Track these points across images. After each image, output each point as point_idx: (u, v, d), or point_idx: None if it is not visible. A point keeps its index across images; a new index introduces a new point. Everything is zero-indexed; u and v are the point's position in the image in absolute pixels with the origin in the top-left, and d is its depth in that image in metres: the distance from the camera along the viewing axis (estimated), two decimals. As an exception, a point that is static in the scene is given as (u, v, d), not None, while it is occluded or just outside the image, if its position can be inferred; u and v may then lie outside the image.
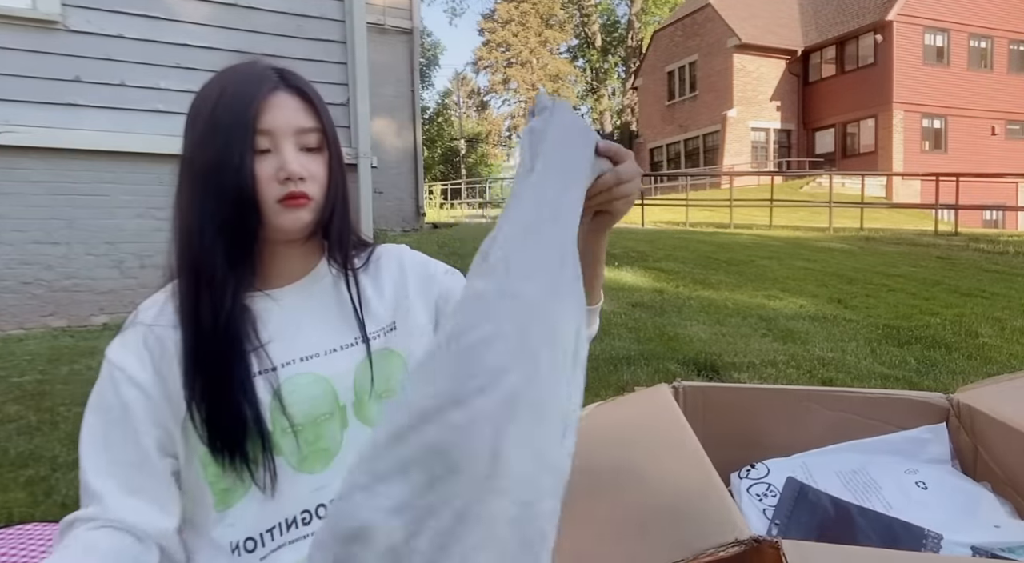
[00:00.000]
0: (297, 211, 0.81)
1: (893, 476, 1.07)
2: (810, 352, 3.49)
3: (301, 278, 0.89)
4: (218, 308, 0.79)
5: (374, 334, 0.90)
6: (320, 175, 0.83)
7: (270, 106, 0.80)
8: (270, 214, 0.80)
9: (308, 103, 0.84)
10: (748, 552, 0.65)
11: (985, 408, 1.15)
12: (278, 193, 0.80)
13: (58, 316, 4.15)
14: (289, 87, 0.83)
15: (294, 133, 0.81)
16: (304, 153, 0.82)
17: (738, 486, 1.11)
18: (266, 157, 0.80)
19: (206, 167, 0.79)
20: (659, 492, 0.84)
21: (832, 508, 0.96)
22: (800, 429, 1.22)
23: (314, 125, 0.83)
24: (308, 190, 0.81)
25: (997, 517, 0.98)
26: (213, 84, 0.82)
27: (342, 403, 0.86)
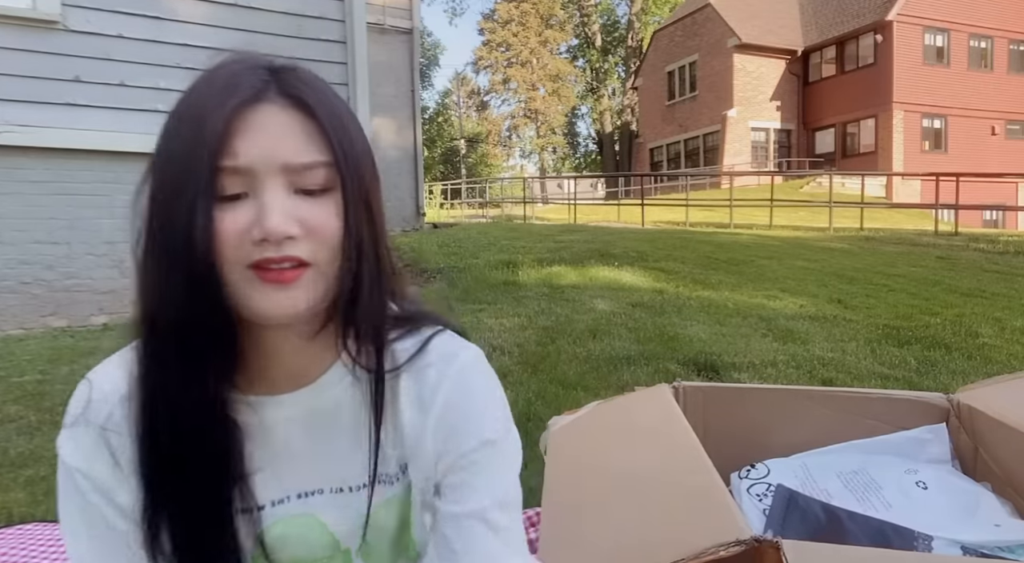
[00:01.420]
0: (283, 290, 0.55)
1: (893, 476, 1.07)
2: (810, 352, 3.49)
3: (307, 384, 0.63)
4: (179, 422, 0.57)
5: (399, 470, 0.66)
6: (327, 229, 0.56)
7: (246, 126, 0.55)
8: (241, 293, 0.55)
9: (311, 120, 0.57)
10: (749, 552, 0.65)
11: (985, 408, 1.15)
12: (248, 257, 0.54)
13: (58, 316, 4.15)
14: (283, 96, 0.57)
15: (282, 169, 0.55)
16: (300, 197, 0.56)
17: (738, 486, 1.11)
18: (237, 205, 0.55)
19: (155, 216, 0.56)
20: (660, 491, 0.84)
21: (823, 514, 0.97)
22: (800, 429, 1.22)
23: (315, 158, 0.56)
24: (303, 253, 0.55)
25: (997, 516, 0.98)
26: (187, 90, 0.59)
27: (345, 547, 0.67)
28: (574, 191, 17.04)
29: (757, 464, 1.14)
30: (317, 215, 0.56)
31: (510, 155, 45.58)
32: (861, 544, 0.90)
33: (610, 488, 0.89)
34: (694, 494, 0.79)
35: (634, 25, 34.99)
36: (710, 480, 0.80)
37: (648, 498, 0.83)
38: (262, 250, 0.54)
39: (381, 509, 0.66)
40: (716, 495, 0.77)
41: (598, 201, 22.86)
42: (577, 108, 41.85)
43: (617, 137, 35.58)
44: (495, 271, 5.94)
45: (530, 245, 7.90)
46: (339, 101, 0.61)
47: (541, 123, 40.47)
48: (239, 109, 0.55)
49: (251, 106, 0.56)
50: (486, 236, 8.85)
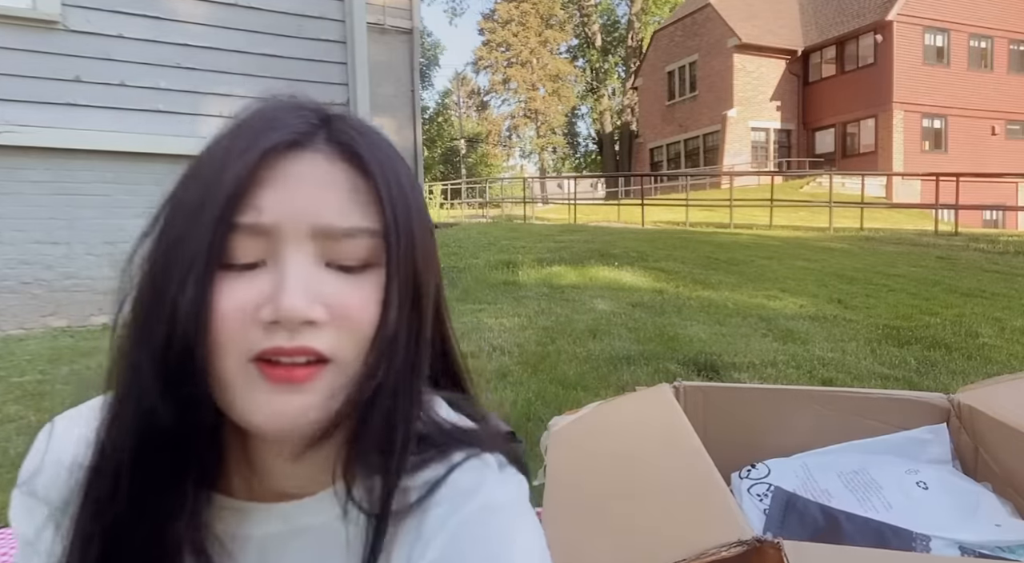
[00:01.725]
0: (291, 392, 0.42)
1: (894, 476, 1.07)
2: (810, 352, 3.49)
3: (295, 498, 0.49)
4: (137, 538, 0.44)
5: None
6: (361, 317, 0.44)
7: (277, 176, 0.43)
8: (235, 393, 0.42)
9: (362, 177, 0.45)
10: (750, 552, 0.65)
11: (986, 408, 1.15)
12: (252, 346, 0.42)
13: (58, 316, 4.15)
14: (331, 143, 0.46)
15: (314, 233, 0.43)
16: (332, 273, 0.44)
17: (739, 486, 1.11)
18: (248, 276, 0.43)
19: (144, 280, 0.45)
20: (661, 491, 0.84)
21: (821, 516, 0.97)
22: (801, 429, 1.22)
23: (360, 225, 0.44)
24: (323, 346, 0.43)
25: (998, 516, 0.98)
26: (216, 133, 0.47)
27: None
28: (574, 191, 17.05)
29: (758, 464, 1.14)
30: (350, 297, 0.44)
31: (510, 155, 45.61)
32: (859, 545, 0.90)
33: (611, 488, 0.89)
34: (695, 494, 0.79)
35: (634, 25, 35.00)
36: (711, 480, 0.80)
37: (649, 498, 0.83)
38: (271, 337, 0.42)
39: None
40: (717, 495, 0.77)
41: (598, 201, 22.86)
42: (577, 108, 41.87)
43: (617, 137, 35.58)
44: (495, 271, 5.95)
45: (530, 245, 7.90)
46: (398, 158, 0.48)
47: (541, 123, 40.47)
48: (272, 153, 0.43)
49: (288, 152, 0.44)
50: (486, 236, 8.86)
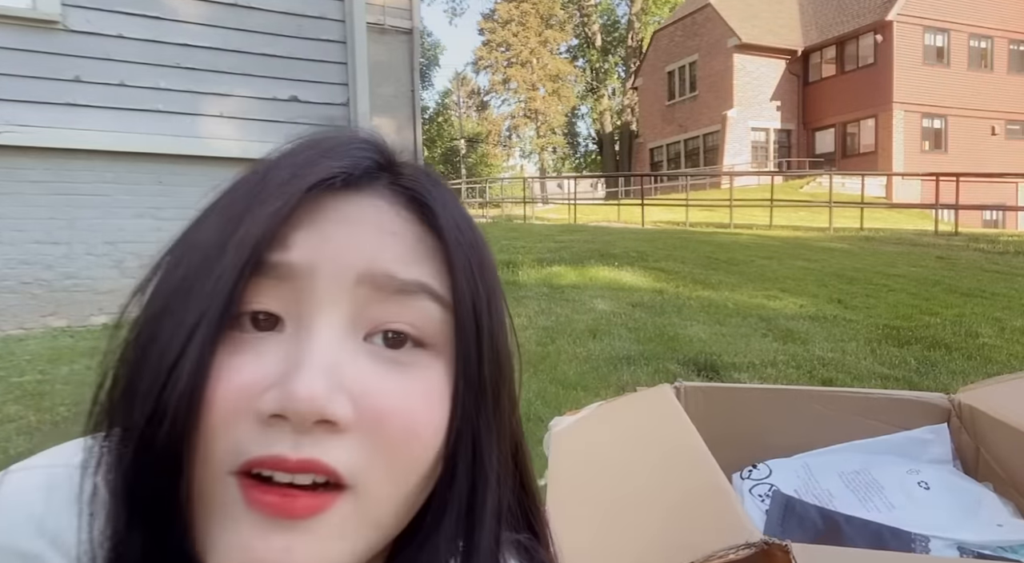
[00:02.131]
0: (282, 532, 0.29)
1: (895, 476, 1.07)
2: (810, 352, 3.49)
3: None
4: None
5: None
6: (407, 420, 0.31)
7: (316, 219, 0.33)
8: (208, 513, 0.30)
9: (432, 233, 0.35)
10: (758, 555, 0.65)
11: (986, 408, 1.15)
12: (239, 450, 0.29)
13: (58, 316, 4.14)
14: (394, 187, 0.35)
15: (359, 282, 0.32)
16: (374, 350, 0.33)
17: (740, 487, 1.11)
18: (258, 341, 0.31)
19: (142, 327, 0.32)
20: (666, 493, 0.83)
21: (820, 519, 0.97)
22: (802, 429, 1.22)
23: (425, 280, 0.33)
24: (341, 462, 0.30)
25: (1000, 516, 0.98)
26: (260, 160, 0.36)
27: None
28: (574, 191, 17.05)
29: (759, 464, 1.14)
30: (394, 391, 0.31)
31: (510, 155, 45.59)
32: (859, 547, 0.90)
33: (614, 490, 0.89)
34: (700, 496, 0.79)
35: (634, 25, 35.00)
36: (716, 481, 0.80)
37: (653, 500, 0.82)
38: (269, 440, 0.29)
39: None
40: (723, 497, 0.76)
41: (598, 201, 22.86)
42: (577, 108, 41.87)
43: (617, 137, 35.58)
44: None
45: (530, 245, 7.90)
46: (473, 221, 0.38)
47: (541, 123, 40.46)
48: (320, 189, 0.33)
49: (341, 193, 0.34)
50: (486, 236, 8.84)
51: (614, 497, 0.87)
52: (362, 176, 0.34)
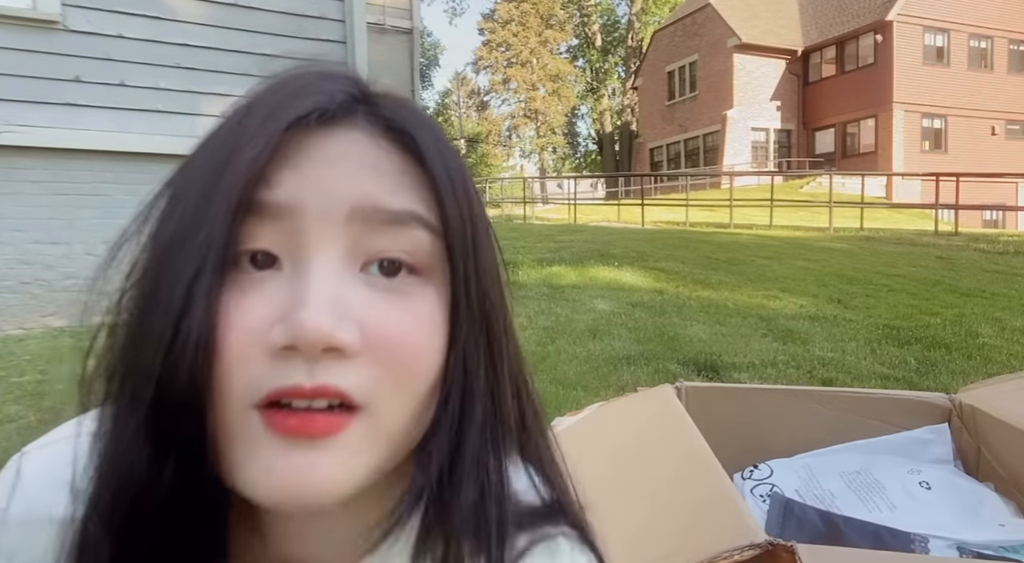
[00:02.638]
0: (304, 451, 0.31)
1: (896, 476, 1.06)
2: (810, 352, 3.49)
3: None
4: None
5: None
6: (413, 343, 0.33)
7: (301, 153, 0.33)
8: (233, 445, 0.32)
9: (416, 163, 0.35)
10: (763, 556, 0.64)
11: (987, 408, 1.15)
12: (258, 385, 0.31)
13: (58, 316, 4.14)
14: (374, 119, 0.35)
15: (348, 218, 0.33)
16: (371, 279, 0.34)
17: (741, 487, 1.11)
18: (259, 280, 0.32)
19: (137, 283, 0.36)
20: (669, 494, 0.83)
21: (819, 521, 0.97)
22: (803, 429, 1.22)
23: (410, 208, 0.34)
24: (352, 386, 0.31)
25: (1001, 516, 0.98)
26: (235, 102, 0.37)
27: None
28: (574, 191, 17.04)
29: (760, 465, 1.14)
30: (396, 318, 0.33)
31: (510, 155, 45.59)
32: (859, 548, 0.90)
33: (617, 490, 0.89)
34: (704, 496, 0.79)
35: (634, 25, 35.00)
36: (720, 482, 0.80)
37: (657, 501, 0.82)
38: (286, 371, 0.31)
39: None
40: (727, 498, 0.76)
41: (598, 201, 22.86)
42: (577, 108, 41.87)
43: (617, 137, 35.57)
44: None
45: (530, 245, 7.90)
46: (452, 144, 0.38)
47: (541, 123, 40.46)
48: (298, 127, 0.33)
49: (319, 128, 0.34)
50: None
51: (617, 498, 0.87)
52: (338, 110, 0.35)
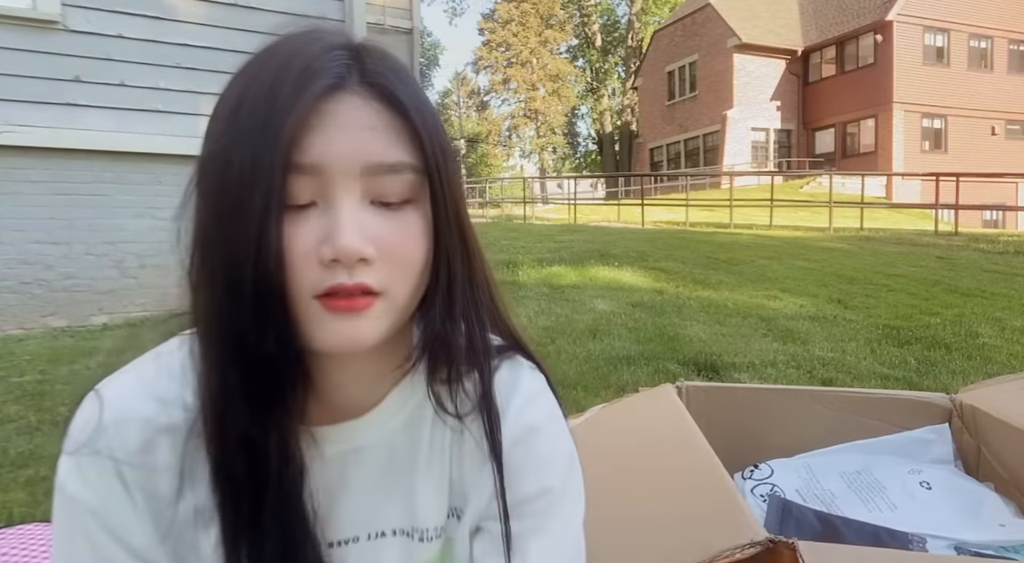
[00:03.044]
0: (351, 320, 0.47)
1: (897, 476, 1.06)
2: (810, 352, 3.49)
3: (363, 413, 0.55)
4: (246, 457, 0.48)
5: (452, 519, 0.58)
6: (406, 252, 0.48)
7: (322, 120, 0.45)
8: (306, 324, 0.47)
9: (399, 116, 0.48)
10: (764, 553, 0.64)
11: (988, 408, 1.15)
12: (316, 284, 0.46)
13: (58, 316, 4.14)
14: (367, 85, 0.47)
15: (362, 173, 0.46)
16: (378, 211, 0.47)
17: (742, 487, 1.10)
18: (304, 216, 0.46)
19: (211, 229, 0.47)
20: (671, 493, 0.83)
21: (818, 522, 0.97)
22: (803, 429, 1.22)
23: (403, 160, 0.47)
24: (373, 281, 0.46)
25: (1002, 516, 0.98)
26: (243, 72, 0.49)
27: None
28: (574, 191, 17.04)
29: (760, 464, 1.14)
30: (396, 235, 0.47)
31: (510, 155, 45.59)
32: (858, 547, 0.90)
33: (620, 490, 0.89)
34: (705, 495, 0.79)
35: (634, 25, 35.00)
36: (721, 481, 0.80)
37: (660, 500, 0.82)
38: (333, 274, 0.45)
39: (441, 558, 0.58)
40: (728, 496, 0.76)
41: (598, 201, 22.86)
42: (577, 108, 41.87)
43: (617, 137, 35.57)
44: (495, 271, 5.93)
45: (530, 245, 7.90)
46: (427, 96, 0.51)
47: (541, 123, 40.47)
48: (315, 101, 0.45)
49: (329, 96, 0.46)
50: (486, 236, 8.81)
51: (620, 498, 0.87)
52: (341, 82, 0.47)
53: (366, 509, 0.56)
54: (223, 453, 0.49)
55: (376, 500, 0.56)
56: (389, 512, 0.56)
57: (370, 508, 0.56)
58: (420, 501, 0.56)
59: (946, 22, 21.88)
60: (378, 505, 0.56)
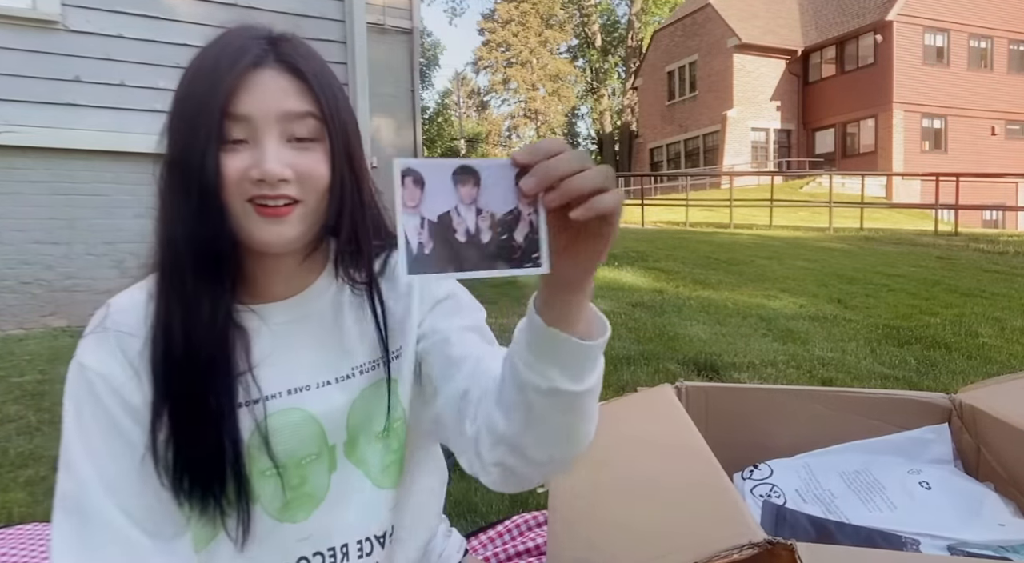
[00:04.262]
0: (277, 223, 0.66)
1: (896, 476, 1.06)
2: (810, 352, 3.49)
3: (296, 294, 0.75)
4: (191, 324, 0.66)
5: (374, 363, 0.77)
6: (315, 174, 0.67)
7: (248, 86, 0.66)
8: (243, 224, 0.66)
9: (302, 82, 0.68)
10: (762, 555, 0.64)
11: (987, 408, 1.15)
12: (247, 191, 0.65)
13: (58, 316, 4.14)
14: (280, 62, 0.68)
15: (278, 119, 0.66)
16: (293, 146, 0.67)
17: (741, 487, 1.10)
18: (239, 150, 0.66)
19: (172, 161, 0.67)
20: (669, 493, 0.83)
21: (811, 527, 0.97)
22: (803, 429, 1.21)
23: (306, 109, 0.67)
24: (294, 193, 0.66)
25: (1001, 516, 0.98)
26: (194, 59, 0.70)
27: (331, 444, 0.75)
28: (574, 191, 17.00)
29: (760, 464, 1.14)
30: (307, 162, 0.67)
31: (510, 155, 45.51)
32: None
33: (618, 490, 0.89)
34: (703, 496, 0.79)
35: (634, 25, 34.99)
36: (719, 482, 0.80)
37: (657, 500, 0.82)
38: (259, 188, 0.65)
39: (366, 394, 0.76)
40: (726, 497, 0.76)
41: (598, 201, 22.81)
42: (577, 108, 41.86)
43: (617, 137, 35.56)
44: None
45: (530, 245, 7.88)
46: (327, 70, 0.72)
47: (541, 123, 40.45)
48: (243, 72, 0.66)
49: (254, 69, 0.67)
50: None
51: (618, 498, 0.87)
52: (261, 59, 0.67)
53: (309, 364, 0.74)
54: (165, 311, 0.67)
55: (317, 357, 0.75)
56: (329, 363, 0.75)
57: (312, 363, 0.74)
58: (349, 347, 0.76)
59: (946, 22, 21.87)
60: (319, 360, 0.75)
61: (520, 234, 0.50)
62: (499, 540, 1.40)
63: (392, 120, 8.43)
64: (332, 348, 0.76)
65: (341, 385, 0.75)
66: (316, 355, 0.75)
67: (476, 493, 1.82)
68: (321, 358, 0.75)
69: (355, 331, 0.76)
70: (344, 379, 0.75)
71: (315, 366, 0.75)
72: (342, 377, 0.75)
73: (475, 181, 0.50)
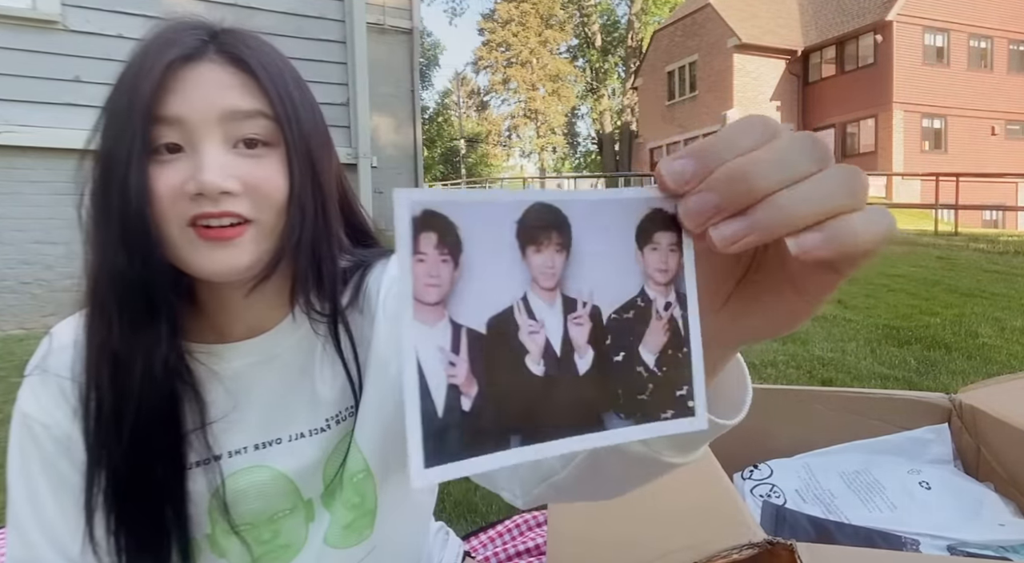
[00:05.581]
0: (224, 248, 0.54)
1: (896, 476, 1.06)
2: (810, 352, 3.49)
3: (261, 331, 0.63)
4: (122, 379, 0.55)
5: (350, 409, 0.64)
6: (269, 185, 0.55)
7: (179, 81, 0.54)
8: (182, 254, 0.54)
9: (250, 76, 0.56)
10: (762, 555, 0.64)
11: (987, 408, 1.15)
12: (184, 213, 0.53)
13: (58, 316, 4.14)
14: (221, 54, 0.56)
15: (219, 120, 0.54)
16: (240, 153, 0.55)
17: (741, 487, 1.10)
18: (173, 161, 0.54)
19: (96, 174, 0.57)
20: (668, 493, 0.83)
21: (811, 527, 0.96)
22: (803, 429, 1.21)
23: (254, 106, 0.55)
24: (243, 210, 0.54)
25: (1001, 516, 0.98)
26: (129, 54, 0.57)
27: (307, 498, 0.65)
28: (574, 191, 17.03)
29: (760, 465, 1.14)
30: (258, 172, 0.55)
31: (510, 155, 45.56)
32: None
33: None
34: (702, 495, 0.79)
35: (634, 25, 34.99)
36: (720, 482, 0.80)
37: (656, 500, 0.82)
38: (199, 205, 0.53)
39: (345, 445, 0.64)
40: (726, 497, 0.76)
41: (598, 201, 22.84)
42: (577, 108, 41.86)
43: (617, 137, 35.56)
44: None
45: (530, 245, 7.89)
46: (282, 60, 0.60)
47: (541, 123, 40.47)
48: (173, 65, 0.54)
49: (186, 63, 0.55)
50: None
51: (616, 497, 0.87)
52: (194, 52, 0.55)
53: (279, 414, 0.63)
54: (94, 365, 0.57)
55: (288, 405, 0.63)
56: (286, 419, 0.63)
57: (282, 413, 0.63)
58: (322, 395, 0.64)
59: (946, 22, 21.87)
60: (290, 409, 0.63)
61: (651, 350, 0.26)
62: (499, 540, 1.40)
63: (392, 120, 8.43)
64: (302, 395, 0.63)
65: (315, 438, 0.64)
66: (285, 404, 0.63)
67: (476, 493, 1.83)
68: (291, 407, 0.63)
69: (328, 374, 0.64)
70: (318, 432, 0.64)
71: (284, 417, 0.63)
72: (316, 430, 0.64)
73: (561, 238, 0.25)
